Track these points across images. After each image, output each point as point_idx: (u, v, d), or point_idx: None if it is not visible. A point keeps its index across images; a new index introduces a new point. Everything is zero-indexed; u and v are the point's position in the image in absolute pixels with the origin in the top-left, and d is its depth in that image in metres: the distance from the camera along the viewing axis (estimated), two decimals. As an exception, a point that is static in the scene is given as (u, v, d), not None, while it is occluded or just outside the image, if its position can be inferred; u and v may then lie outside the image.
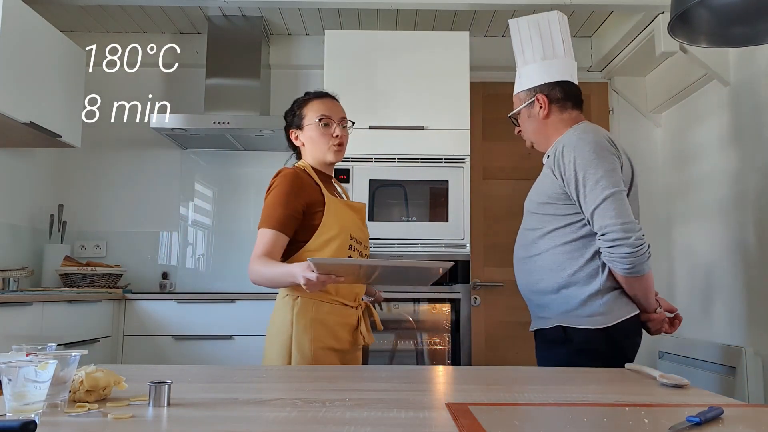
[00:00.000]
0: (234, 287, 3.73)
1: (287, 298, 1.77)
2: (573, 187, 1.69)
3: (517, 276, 1.90)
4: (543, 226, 1.78)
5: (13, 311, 2.39)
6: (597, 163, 1.67)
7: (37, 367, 0.83)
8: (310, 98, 1.92)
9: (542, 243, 1.78)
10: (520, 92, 1.93)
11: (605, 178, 1.65)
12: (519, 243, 1.89)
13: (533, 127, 1.91)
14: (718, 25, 1.83)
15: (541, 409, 0.98)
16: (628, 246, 1.61)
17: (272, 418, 0.90)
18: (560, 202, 1.74)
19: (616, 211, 1.63)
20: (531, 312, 1.90)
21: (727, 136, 2.97)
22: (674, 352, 3.18)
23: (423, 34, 3.44)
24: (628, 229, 1.61)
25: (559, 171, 1.73)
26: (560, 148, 1.75)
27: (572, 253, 1.73)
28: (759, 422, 0.94)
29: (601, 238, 1.65)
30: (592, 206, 1.65)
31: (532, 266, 1.81)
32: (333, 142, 1.84)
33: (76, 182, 3.84)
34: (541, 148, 1.93)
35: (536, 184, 1.86)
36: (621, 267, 1.64)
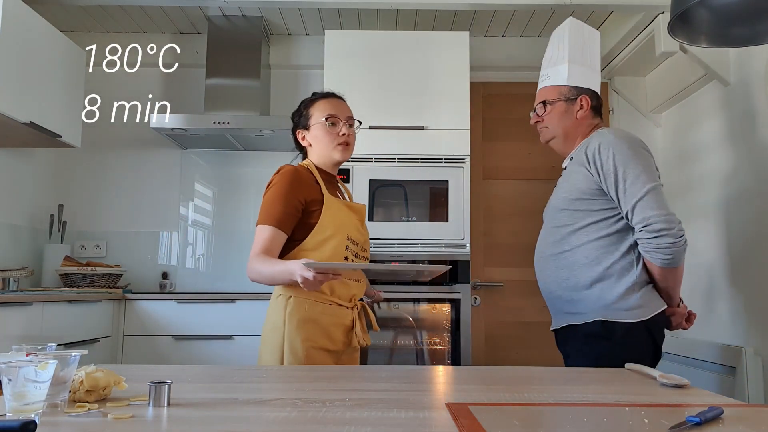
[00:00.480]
0: (234, 287, 3.73)
1: (280, 297, 1.76)
2: (612, 181, 1.74)
3: (541, 273, 1.93)
4: (575, 222, 1.82)
5: (13, 311, 2.39)
6: (636, 159, 1.75)
7: (37, 367, 0.83)
8: (317, 98, 1.93)
9: (574, 239, 1.81)
10: (563, 86, 1.96)
11: (645, 173, 1.73)
12: (545, 240, 1.91)
13: (566, 124, 1.95)
14: (718, 25, 1.83)
15: (541, 409, 0.98)
16: (671, 236, 1.68)
17: (272, 418, 0.90)
18: (594, 198, 1.79)
19: (658, 203, 1.70)
20: (555, 309, 1.90)
21: (727, 136, 2.97)
22: (674, 352, 3.18)
23: (423, 34, 3.44)
24: (671, 220, 1.69)
25: (595, 167, 1.78)
26: (596, 147, 1.80)
27: (608, 247, 1.78)
28: (759, 422, 0.94)
29: (643, 229, 1.70)
30: (634, 199, 1.71)
31: (563, 262, 1.83)
32: (339, 140, 1.85)
33: (76, 182, 3.84)
34: (559, 144, 1.98)
35: (564, 182, 1.90)
36: (662, 257, 1.70)
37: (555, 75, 2.00)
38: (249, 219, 3.85)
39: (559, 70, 1.99)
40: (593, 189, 1.79)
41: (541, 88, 2.05)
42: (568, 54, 1.99)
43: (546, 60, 2.08)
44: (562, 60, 1.99)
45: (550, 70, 2.03)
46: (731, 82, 2.94)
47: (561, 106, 1.96)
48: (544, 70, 2.05)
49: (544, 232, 1.95)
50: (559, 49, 2.01)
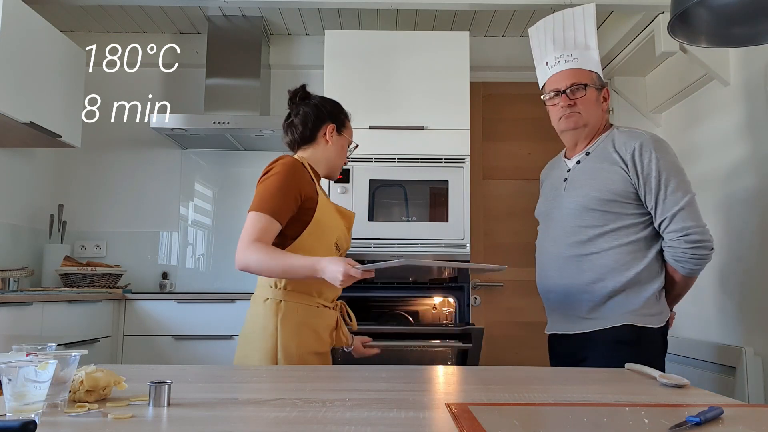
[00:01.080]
0: (234, 287, 3.73)
1: (269, 301, 1.71)
2: (653, 186, 1.72)
3: (556, 273, 1.84)
4: (605, 223, 1.76)
5: (13, 311, 2.39)
6: (678, 168, 1.74)
7: (37, 367, 0.83)
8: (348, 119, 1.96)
9: (603, 241, 1.76)
10: (594, 72, 1.87)
11: (685, 182, 1.74)
12: (568, 240, 1.82)
13: (597, 113, 1.87)
14: (718, 25, 1.83)
15: (541, 409, 0.98)
16: (706, 249, 1.71)
17: (272, 418, 0.90)
18: (628, 201, 1.75)
19: (696, 214, 1.73)
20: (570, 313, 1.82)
21: (727, 136, 2.97)
22: (674, 352, 3.18)
23: (423, 34, 3.44)
24: (706, 232, 1.73)
25: (635, 170, 1.73)
26: (635, 146, 1.75)
27: (636, 253, 1.76)
28: (759, 422, 0.94)
29: (681, 238, 1.70)
30: (675, 208, 1.70)
31: (588, 265, 1.77)
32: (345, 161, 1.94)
33: (76, 182, 3.84)
34: (580, 135, 1.88)
35: (591, 180, 1.80)
36: (691, 267, 1.73)
37: (584, 59, 1.88)
38: (249, 219, 3.84)
39: (590, 55, 1.88)
40: (629, 192, 1.75)
41: (569, 68, 1.88)
42: (594, 41, 1.90)
43: (560, 40, 1.94)
44: (590, 46, 1.89)
45: (575, 52, 1.89)
46: (731, 82, 2.94)
47: (594, 93, 1.86)
48: (566, 51, 1.91)
49: (559, 230, 1.85)
50: (583, 34, 1.91)
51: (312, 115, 1.83)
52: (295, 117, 1.84)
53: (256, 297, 1.77)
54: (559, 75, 1.88)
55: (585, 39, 1.91)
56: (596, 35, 1.93)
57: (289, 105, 1.89)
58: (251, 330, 1.73)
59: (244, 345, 1.75)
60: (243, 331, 1.77)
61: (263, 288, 1.75)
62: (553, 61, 1.93)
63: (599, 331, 1.77)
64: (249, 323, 1.76)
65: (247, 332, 1.75)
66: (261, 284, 1.77)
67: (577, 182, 1.84)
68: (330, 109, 1.87)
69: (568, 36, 1.93)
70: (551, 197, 1.95)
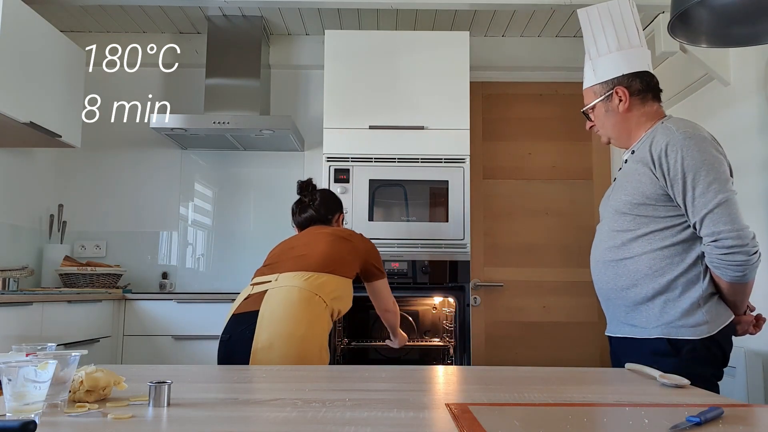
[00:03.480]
0: (234, 287, 3.73)
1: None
2: (680, 189, 1.61)
3: (599, 277, 1.80)
4: (637, 228, 1.69)
5: (13, 311, 2.39)
6: (708, 165, 1.60)
7: (37, 367, 0.83)
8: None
9: (636, 246, 1.69)
10: (594, 86, 1.83)
11: (717, 181, 1.59)
12: (604, 245, 1.77)
13: (613, 122, 1.80)
14: (718, 25, 1.83)
15: (541, 409, 0.98)
16: (743, 254, 1.56)
17: (272, 418, 0.90)
18: (660, 204, 1.66)
19: (731, 216, 1.57)
20: (612, 315, 1.79)
21: (727, 136, 2.97)
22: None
23: (423, 34, 3.44)
24: (744, 236, 1.56)
25: (662, 171, 1.64)
26: (662, 146, 1.65)
27: (673, 258, 1.65)
28: (759, 422, 0.94)
29: (712, 244, 1.58)
30: (704, 211, 1.58)
31: (623, 270, 1.71)
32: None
33: (76, 182, 3.84)
34: (621, 144, 1.84)
35: (626, 182, 1.74)
36: (732, 274, 1.59)
37: (588, 74, 1.86)
38: (249, 219, 3.85)
39: (587, 69, 1.87)
40: (659, 194, 1.65)
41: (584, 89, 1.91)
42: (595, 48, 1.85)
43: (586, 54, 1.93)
44: (589, 56, 1.87)
45: (585, 68, 1.89)
46: (731, 82, 2.94)
47: (600, 107, 1.83)
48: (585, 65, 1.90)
49: (601, 234, 1.82)
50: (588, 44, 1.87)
51: (331, 202, 2.38)
52: (312, 202, 2.33)
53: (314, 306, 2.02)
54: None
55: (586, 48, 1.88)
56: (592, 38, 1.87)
57: (303, 193, 2.36)
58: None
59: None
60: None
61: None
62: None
63: (635, 339, 1.70)
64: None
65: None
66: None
67: (619, 184, 1.78)
68: (339, 201, 2.43)
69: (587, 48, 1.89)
70: (605, 198, 1.89)
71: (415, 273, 3.20)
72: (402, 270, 3.18)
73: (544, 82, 3.88)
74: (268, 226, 3.79)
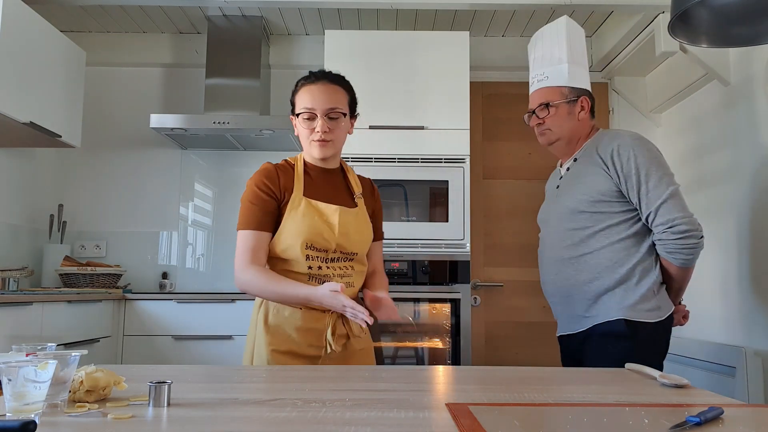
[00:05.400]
0: (234, 287, 3.72)
1: (257, 299, 1.72)
2: (634, 184, 1.76)
3: (556, 277, 1.90)
4: (594, 224, 1.82)
5: (13, 311, 2.39)
6: (657, 162, 1.78)
7: (37, 367, 0.83)
8: (301, 84, 1.74)
9: (594, 241, 1.82)
10: (564, 87, 1.94)
11: (666, 175, 1.77)
12: (560, 244, 1.89)
13: (570, 126, 1.93)
14: (718, 25, 1.83)
15: (541, 409, 0.98)
16: (694, 237, 1.73)
17: (272, 418, 0.90)
18: (614, 199, 1.80)
19: (682, 205, 1.75)
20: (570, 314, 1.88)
21: (727, 136, 2.97)
22: (674, 352, 3.18)
23: (423, 34, 3.44)
24: (694, 221, 1.74)
25: (615, 169, 1.79)
26: (614, 147, 1.80)
27: (629, 249, 1.79)
28: (759, 422, 0.94)
29: (668, 230, 1.73)
30: (658, 201, 1.74)
31: (583, 265, 1.83)
32: (314, 137, 1.69)
33: (76, 182, 3.84)
34: (561, 147, 1.97)
35: (579, 184, 1.87)
36: (683, 258, 1.75)
37: (554, 75, 1.96)
38: (249, 219, 3.84)
39: (560, 70, 1.96)
40: (613, 190, 1.80)
41: (539, 88, 1.99)
42: (566, 53, 1.97)
43: (539, 59, 2.03)
44: (562, 60, 1.97)
45: (547, 69, 1.98)
46: (731, 82, 2.94)
47: (564, 108, 1.93)
48: (540, 70, 2.01)
49: (555, 234, 1.93)
50: (557, 48, 1.99)
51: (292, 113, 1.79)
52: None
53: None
54: (533, 96, 2.00)
55: (558, 53, 1.97)
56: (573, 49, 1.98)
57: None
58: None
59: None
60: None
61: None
62: (531, 80, 2.04)
63: (595, 327, 1.81)
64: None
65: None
66: None
67: (568, 188, 1.91)
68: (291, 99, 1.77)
69: (546, 53, 2.00)
70: (547, 205, 2.05)
71: (415, 273, 3.20)
72: (402, 270, 3.19)
73: (544, 82, 3.88)
74: (268, 226, 3.79)
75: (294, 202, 1.68)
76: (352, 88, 1.81)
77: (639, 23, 3.26)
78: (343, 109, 1.72)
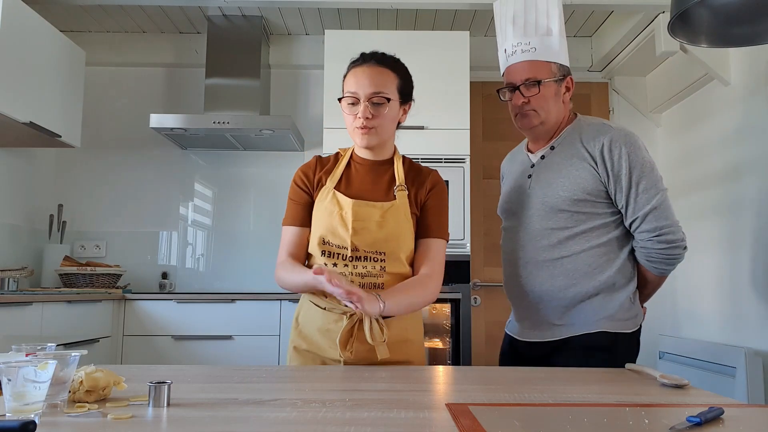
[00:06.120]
0: (234, 287, 3.73)
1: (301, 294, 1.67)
2: (624, 185, 1.60)
3: (526, 279, 1.69)
4: (575, 225, 1.64)
5: (13, 311, 2.39)
6: (649, 164, 1.62)
7: (37, 367, 0.83)
8: (350, 66, 1.65)
9: (573, 244, 1.64)
10: (554, 63, 1.70)
11: (657, 179, 1.61)
12: (535, 243, 1.68)
13: (555, 108, 1.70)
14: (718, 25, 1.82)
15: (541, 409, 0.98)
16: (680, 248, 1.60)
17: (272, 418, 0.90)
18: (599, 200, 1.63)
19: (670, 212, 1.61)
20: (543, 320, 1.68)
21: (728, 136, 2.97)
22: (674, 352, 3.18)
23: (423, 34, 3.44)
24: (680, 230, 1.61)
25: (605, 166, 1.61)
26: (604, 142, 1.62)
27: (609, 254, 1.64)
28: (759, 422, 0.94)
29: (654, 239, 1.59)
30: (648, 207, 1.59)
31: (559, 270, 1.65)
32: (356, 123, 1.57)
33: (76, 182, 3.84)
34: (541, 132, 1.73)
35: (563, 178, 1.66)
36: (663, 268, 1.63)
37: (543, 48, 1.69)
38: (249, 219, 3.85)
39: (549, 42, 1.70)
40: (600, 190, 1.62)
41: (524, 61, 1.70)
42: (558, 24, 1.70)
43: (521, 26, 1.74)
44: (552, 31, 1.70)
45: (533, 39, 1.71)
46: (731, 82, 2.94)
47: (552, 87, 1.68)
48: (523, 39, 1.72)
49: (527, 232, 1.70)
50: (545, 17, 1.72)
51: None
52: None
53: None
54: (515, 68, 1.73)
55: (547, 22, 1.71)
56: (561, 18, 1.72)
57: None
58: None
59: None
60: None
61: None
62: (510, 49, 1.76)
63: (573, 337, 1.64)
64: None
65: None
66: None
67: (544, 180, 1.70)
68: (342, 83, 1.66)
69: (530, 20, 1.73)
70: (515, 195, 1.80)
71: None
72: (402, 270, 3.18)
73: (544, 82, 3.89)
74: (268, 226, 3.79)
75: (323, 194, 1.59)
76: (407, 72, 1.66)
77: (639, 23, 3.26)
78: (389, 94, 1.58)
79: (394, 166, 1.67)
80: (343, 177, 1.61)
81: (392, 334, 1.53)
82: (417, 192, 1.62)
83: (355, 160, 1.66)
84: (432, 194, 1.64)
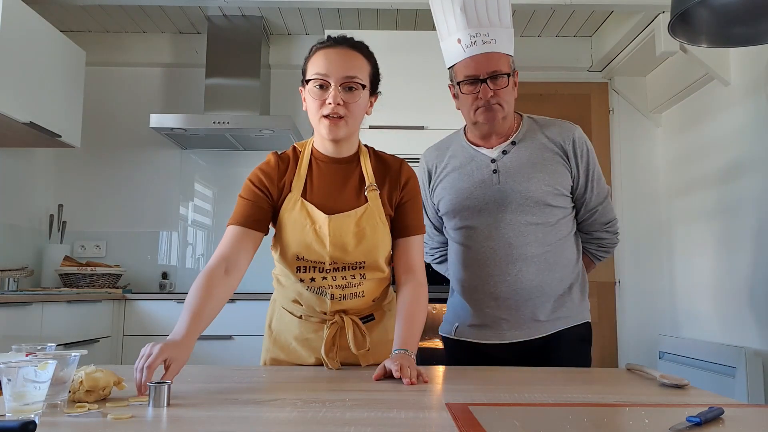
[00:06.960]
0: (234, 287, 3.72)
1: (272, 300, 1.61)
2: (585, 179, 1.67)
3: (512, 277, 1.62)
4: (552, 218, 1.65)
5: (13, 311, 2.39)
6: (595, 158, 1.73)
7: (37, 367, 0.83)
8: (315, 48, 1.45)
9: (553, 237, 1.65)
10: (511, 56, 1.65)
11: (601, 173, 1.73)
12: (521, 239, 1.63)
13: (512, 102, 1.67)
14: (718, 25, 1.82)
15: (541, 409, 0.98)
16: (618, 237, 1.77)
17: (272, 418, 0.90)
18: (567, 192, 1.68)
19: (611, 205, 1.75)
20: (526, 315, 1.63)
21: (728, 136, 2.97)
22: (674, 352, 3.18)
23: (423, 34, 3.44)
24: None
25: (576, 162, 1.65)
26: (573, 137, 1.66)
27: (576, 245, 1.72)
28: (759, 422, 0.94)
29: (609, 230, 1.72)
30: (601, 199, 1.69)
31: (547, 263, 1.63)
32: (324, 111, 1.40)
33: (76, 182, 3.84)
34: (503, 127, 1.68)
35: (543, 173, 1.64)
36: (606, 256, 1.77)
37: (501, 39, 1.62)
38: (249, 219, 3.84)
39: (507, 34, 1.63)
40: (568, 185, 1.66)
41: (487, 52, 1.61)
42: (509, 14, 1.65)
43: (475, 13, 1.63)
44: (506, 22, 1.63)
45: (492, 31, 1.61)
46: (731, 82, 2.94)
47: (512, 81, 1.65)
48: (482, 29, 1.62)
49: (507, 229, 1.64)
50: (497, 6, 1.63)
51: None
52: None
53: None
54: (477, 59, 1.62)
55: (498, 14, 1.62)
56: (510, 9, 1.67)
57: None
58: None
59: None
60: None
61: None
62: (468, 39, 1.64)
63: (563, 331, 1.62)
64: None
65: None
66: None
67: (520, 174, 1.64)
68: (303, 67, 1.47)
69: (481, 9, 1.62)
70: (479, 191, 1.68)
71: (415, 273, 3.19)
72: (402, 270, 3.18)
73: (544, 82, 3.88)
74: (268, 226, 3.79)
75: (289, 203, 1.45)
76: (376, 61, 1.54)
77: (639, 23, 3.26)
78: (363, 81, 1.43)
79: (361, 164, 1.51)
80: (308, 180, 1.46)
81: (374, 337, 1.49)
82: (390, 191, 1.48)
83: (318, 157, 1.49)
84: (406, 191, 1.50)
